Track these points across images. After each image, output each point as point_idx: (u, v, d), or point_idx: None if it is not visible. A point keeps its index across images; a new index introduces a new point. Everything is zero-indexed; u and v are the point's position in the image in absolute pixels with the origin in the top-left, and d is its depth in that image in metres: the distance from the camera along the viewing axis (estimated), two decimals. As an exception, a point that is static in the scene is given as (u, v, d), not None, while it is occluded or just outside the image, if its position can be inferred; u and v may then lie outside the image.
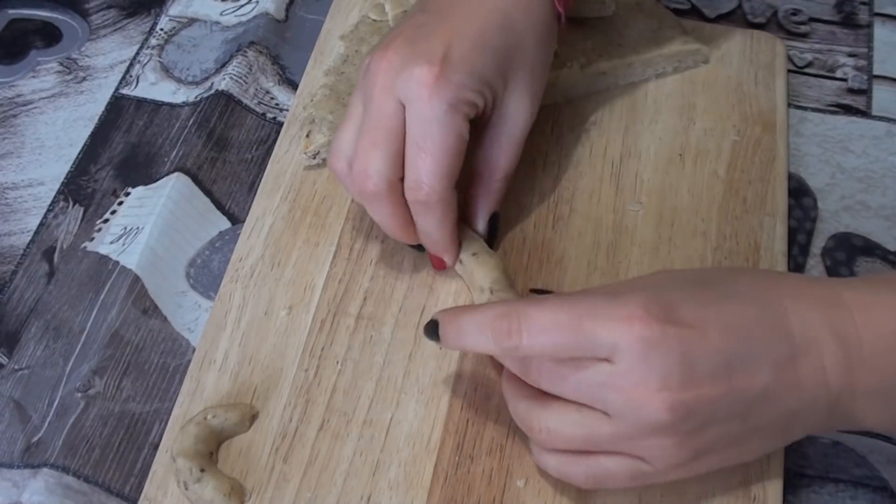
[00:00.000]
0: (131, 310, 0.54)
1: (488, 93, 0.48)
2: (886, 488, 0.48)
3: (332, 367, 0.50)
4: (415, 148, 0.47)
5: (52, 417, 0.51)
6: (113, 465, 0.49)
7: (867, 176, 0.59)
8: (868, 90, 0.64)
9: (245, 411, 0.48)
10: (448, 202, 0.48)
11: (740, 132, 0.59)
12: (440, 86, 0.46)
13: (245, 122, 0.63)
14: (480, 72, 0.47)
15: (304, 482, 0.47)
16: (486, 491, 0.46)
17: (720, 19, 0.68)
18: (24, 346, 0.54)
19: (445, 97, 0.46)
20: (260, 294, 0.53)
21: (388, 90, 0.47)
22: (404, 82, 0.46)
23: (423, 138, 0.46)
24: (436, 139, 0.46)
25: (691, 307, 0.40)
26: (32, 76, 0.67)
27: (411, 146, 0.47)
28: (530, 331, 0.40)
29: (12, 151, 0.63)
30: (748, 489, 0.46)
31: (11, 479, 0.49)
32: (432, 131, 0.46)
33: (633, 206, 0.56)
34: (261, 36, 0.67)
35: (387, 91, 0.47)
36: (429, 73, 0.46)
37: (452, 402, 0.49)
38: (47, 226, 0.59)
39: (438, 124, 0.46)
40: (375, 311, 0.52)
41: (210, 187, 0.59)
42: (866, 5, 0.69)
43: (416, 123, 0.47)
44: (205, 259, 0.57)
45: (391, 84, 0.47)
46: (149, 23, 0.70)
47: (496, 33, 0.48)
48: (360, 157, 0.48)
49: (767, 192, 0.57)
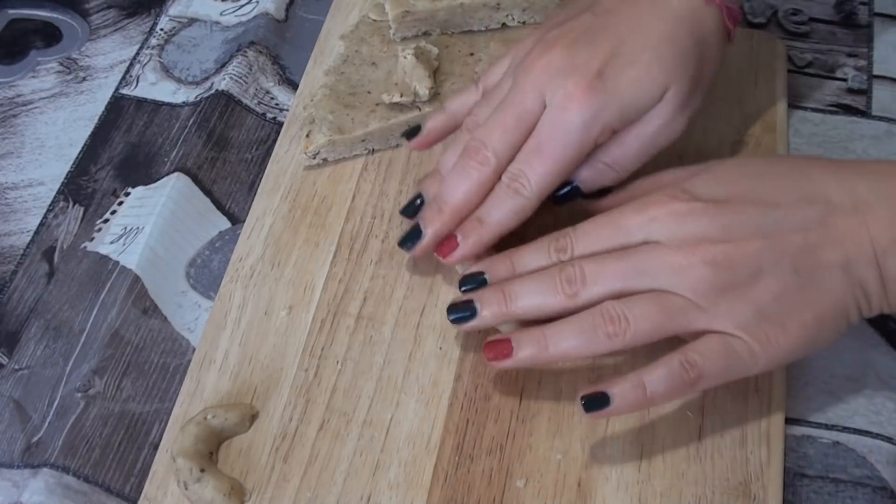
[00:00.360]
0: (131, 310, 0.54)
1: (632, 112, 0.49)
2: (886, 488, 0.48)
3: (332, 367, 0.50)
4: (535, 144, 0.48)
5: (52, 417, 0.51)
6: (113, 465, 0.49)
7: (867, 176, 0.59)
8: (868, 90, 0.64)
9: (245, 411, 0.48)
10: (530, 205, 0.49)
11: (740, 132, 0.59)
12: (584, 103, 0.47)
13: (245, 121, 0.63)
14: (631, 96, 0.48)
15: (304, 482, 0.47)
16: (486, 491, 0.46)
17: (720, 19, 0.68)
18: (24, 346, 0.54)
19: (583, 116, 0.47)
20: (260, 294, 0.53)
21: (537, 87, 0.48)
22: (555, 86, 0.48)
23: (547, 141, 0.48)
24: (556, 147, 0.48)
25: (714, 187, 0.44)
26: (32, 76, 0.67)
27: (532, 142, 0.48)
28: (579, 238, 0.46)
29: (12, 151, 0.63)
30: (748, 489, 0.46)
31: (11, 479, 0.49)
32: (557, 139, 0.48)
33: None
34: (261, 36, 0.67)
35: (535, 88, 0.48)
36: (577, 87, 0.47)
37: (452, 402, 0.49)
38: (47, 226, 0.59)
39: (565, 137, 0.48)
40: (375, 310, 0.52)
41: (210, 187, 0.60)
42: (866, 5, 0.69)
43: (548, 126, 0.48)
44: (205, 259, 0.57)
45: (543, 83, 0.48)
46: (149, 23, 0.70)
47: (660, 49, 0.48)
48: (486, 130, 0.49)
49: (767, 192, 0.57)
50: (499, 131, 0.49)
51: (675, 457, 0.47)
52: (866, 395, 0.51)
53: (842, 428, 0.50)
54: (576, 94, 0.47)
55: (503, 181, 0.49)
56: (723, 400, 0.49)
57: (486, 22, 0.63)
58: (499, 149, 0.49)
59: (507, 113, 0.49)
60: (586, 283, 0.44)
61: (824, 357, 0.52)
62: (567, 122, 0.47)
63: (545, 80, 0.48)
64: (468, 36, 0.62)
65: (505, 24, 0.63)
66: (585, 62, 0.48)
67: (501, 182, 0.49)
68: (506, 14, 0.62)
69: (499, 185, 0.49)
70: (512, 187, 0.48)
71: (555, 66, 0.48)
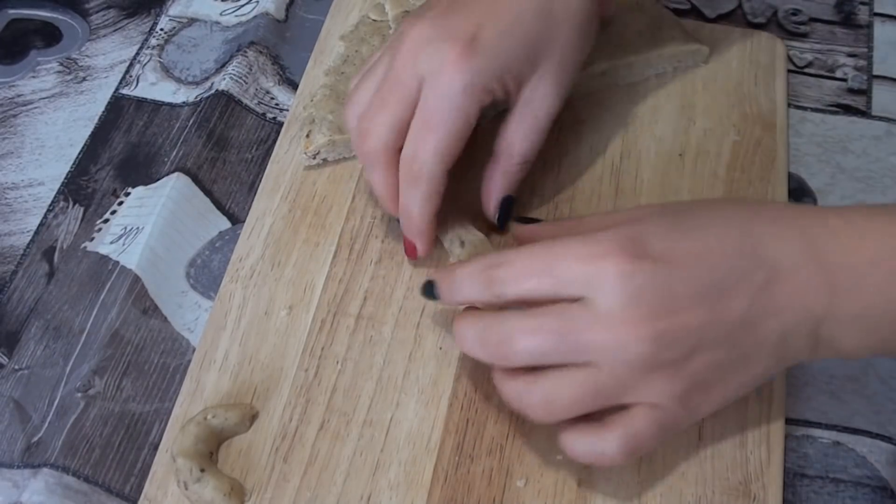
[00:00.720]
0: (131, 310, 0.54)
1: (510, 80, 0.48)
2: (886, 488, 0.48)
3: (332, 367, 0.50)
4: (421, 121, 0.47)
5: (52, 417, 0.51)
6: (113, 465, 0.49)
7: (867, 176, 0.59)
8: (868, 90, 0.64)
9: (245, 411, 0.48)
10: (436, 181, 0.48)
11: (740, 132, 0.59)
12: (460, 66, 0.46)
13: (245, 121, 0.63)
14: (505, 58, 0.48)
15: (304, 482, 0.47)
16: (486, 491, 0.46)
17: (720, 19, 0.68)
18: (24, 346, 0.54)
19: (462, 79, 0.46)
20: (260, 294, 0.53)
21: (412, 60, 0.47)
22: (428, 56, 0.47)
23: (432, 114, 0.47)
24: (444, 117, 0.47)
25: (665, 240, 0.41)
26: (32, 76, 0.67)
27: (418, 119, 0.47)
28: (511, 278, 0.42)
29: (12, 151, 0.63)
30: (748, 489, 0.46)
31: (11, 479, 0.49)
32: (442, 109, 0.47)
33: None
34: (261, 36, 0.67)
35: (410, 60, 0.47)
36: (451, 51, 0.46)
37: (452, 402, 0.49)
38: (47, 226, 0.59)
39: (448, 103, 0.47)
40: (375, 310, 0.52)
41: (210, 187, 0.60)
42: (866, 5, 0.69)
43: (430, 98, 0.47)
44: (205, 259, 0.57)
45: (416, 54, 0.47)
46: (149, 23, 0.70)
47: (531, 18, 0.48)
48: (368, 115, 0.49)
49: (767, 192, 0.57)
50: (380, 114, 0.48)
51: (674, 457, 0.47)
52: (866, 396, 0.51)
53: (842, 428, 0.50)
54: (451, 58, 0.46)
55: (401, 170, 0.48)
56: (723, 400, 0.49)
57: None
58: (383, 131, 0.48)
59: (386, 91, 0.48)
60: (513, 348, 0.42)
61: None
62: (448, 87, 0.46)
63: (418, 53, 0.47)
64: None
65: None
66: (457, 28, 0.47)
67: (401, 171, 0.48)
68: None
69: (400, 175, 0.48)
70: (410, 174, 0.48)
71: (425, 37, 0.47)
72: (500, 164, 0.52)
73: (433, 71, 0.47)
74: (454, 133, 0.47)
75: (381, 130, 0.48)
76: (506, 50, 0.48)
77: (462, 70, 0.46)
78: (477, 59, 0.47)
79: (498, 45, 0.47)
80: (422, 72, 0.47)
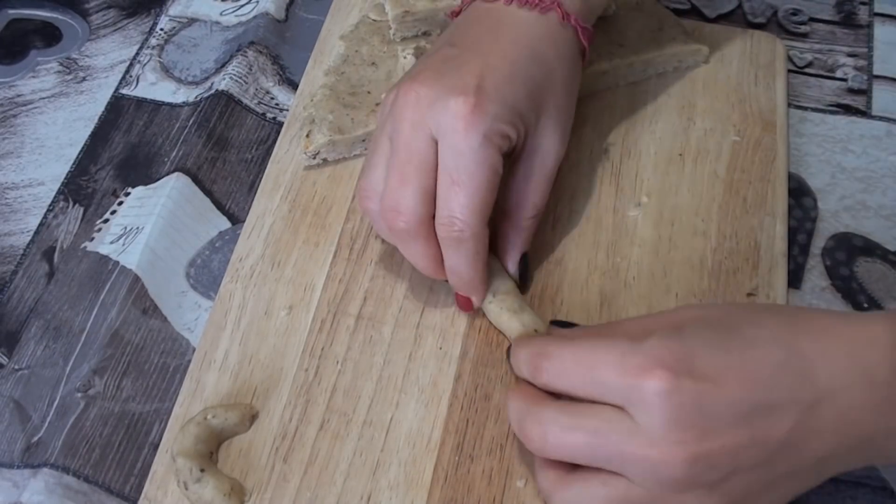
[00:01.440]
0: (131, 310, 0.54)
1: (521, 126, 0.48)
2: (886, 488, 0.48)
3: (332, 367, 0.50)
4: (448, 181, 0.45)
5: (52, 417, 0.51)
6: (113, 464, 0.49)
7: (867, 176, 0.59)
8: (868, 90, 0.64)
9: (245, 411, 0.48)
10: (481, 238, 0.47)
11: (740, 132, 0.59)
12: (476, 117, 0.45)
13: (245, 121, 0.63)
14: (513, 104, 0.47)
15: (304, 482, 0.47)
16: (486, 491, 0.46)
17: (720, 19, 0.68)
18: (24, 346, 0.54)
19: (481, 129, 0.45)
20: (260, 294, 0.53)
21: (420, 124, 0.46)
22: (437, 115, 0.45)
23: (458, 171, 0.45)
24: (471, 172, 0.45)
25: (710, 356, 0.39)
26: (32, 76, 0.67)
27: (444, 180, 0.46)
28: (555, 372, 0.42)
29: (12, 151, 0.63)
30: (748, 489, 0.46)
31: (11, 479, 0.49)
32: (467, 164, 0.45)
33: (633, 211, 0.56)
34: (261, 36, 0.67)
35: (418, 125, 0.46)
36: (464, 104, 0.45)
37: (452, 403, 0.49)
38: (47, 226, 0.59)
39: (473, 157, 0.45)
40: (375, 311, 0.52)
41: (210, 187, 0.60)
42: (866, 5, 0.69)
43: (450, 156, 0.45)
44: (205, 259, 0.57)
45: (422, 117, 0.45)
46: (149, 23, 0.70)
47: (527, 66, 0.48)
48: (390, 194, 0.46)
49: (767, 192, 0.57)
50: (403, 189, 0.46)
51: (675, 457, 0.47)
52: (866, 395, 0.51)
53: (842, 428, 0.50)
54: (463, 112, 0.45)
55: (441, 235, 0.46)
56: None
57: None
58: (412, 205, 0.46)
59: (401, 165, 0.46)
60: (548, 442, 0.41)
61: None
62: (468, 141, 0.45)
63: (424, 115, 0.45)
64: (468, 36, 0.62)
65: (505, 24, 0.63)
66: (457, 83, 0.46)
67: (439, 235, 0.46)
68: (506, 14, 0.62)
69: (440, 240, 0.47)
70: (452, 237, 0.46)
71: (426, 98, 0.46)
72: (515, 221, 0.51)
73: (447, 129, 0.45)
74: (486, 186, 0.46)
75: (410, 204, 0.46)
76: (512, 94, 0.47)
77: (477, 121, 0.45)
78: (489, 107, 0.45)
79: (503, 91, 0.46)
80: (434, 133, 0.46)
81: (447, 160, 0.45)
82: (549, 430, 0.41)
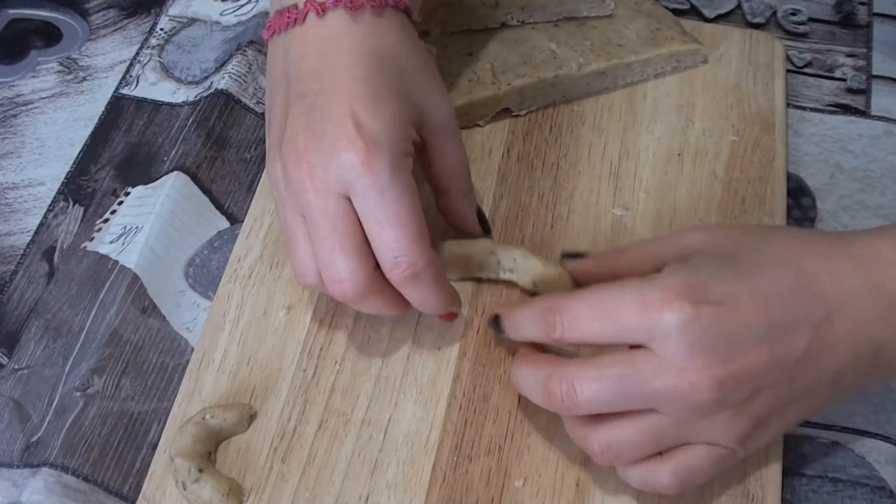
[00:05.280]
0: (130, 309, 0.54)
1: (411, 128, 0.47)
2: (885, 488, 0.48)
3: (330, 368, 0.50)
4: (377, 228, 0.44)
5: (52, 417, 0.51)
6: (112, 464, 0.49)
7: (866, 176, 0.59)
8: (867, 90, 0.64)
9: (243, 411, 0.49)
10: (434, 263, 0.46)
11: (739, 132, 0.59)
12: (374, 157, 0.43)
13: (244, 121, 0.63)
14: (394, 117, 0.45)
15: (303, 482, 0.47)
16: (485, 491, 0.46)
17: (719, 19, 0.68)
18: (23, 346, 0.54)
19: (385, 164, 0.44)
20: (258, 294, 0.53)
21: (324, 190, 0.44)
22: (337, 174, 0.44)
23: (382, 213, 0.44)
24: (395, 209, 0.44)
25: (722, 283, 0.41)
26: (32, 76, 0.67)
27: (373, 228, 0.44)
28: (570, 323, 0.42)
29: (12, 151, 0.63)
30: (746, 488, 0.46)
31: (11, 479, 0.49)
32: (388, 203, 0.44)
33: (619, 211, 0.56)
34: (260, 35, 0.67)
35: (322, 191, 0.44)
36: (355, 152, 0.43)
37: (451, 403, 0.49)
38: (47, 226, 0.59)
39: (389, 194, 0.44)
40: (374, 311, 0.52)
41: (209, 186, 0.60)
42: (865, 5, 0.69)
43: (368, 204, 0.44)
44: (203, 258, 0.57)
45: (324, 182, 0.44)
46: (149, 23, 0.70)
47: (380, 73, 0.46)
48: (328, 267, 0.45)
49: (766, 191, 0.57)
50: (337, 257, 0.44)
51: (673, 457, 0.47)
52: (865, 395, 0.51)
53: (840, 428, 0.50)
54: (360, 159, 0.43)
55: (393, 280, 0.45)
56: (721, 400, 0.49)
57: (485, 21, 0.63)
58: (354, 268, 0.44)
59: (325, 235, 0.44)
60: (577, 399, 0.41)
61: (823, 357, 0.52)
62: (378, 184, 0.43)
63: (323, 178, 0.44)
64: (467, 36, 0.62)
65: (504, 23, 0.63)
66: (337, 133, 0.44)
67: (393, 280, 0.45)
68: (505, 13, 0.62)
69: (395, 284, 0.45)
70: (408, 278, 0.45)
71: (317, 160, 0.44)
72: (454, 192, 0.51)
73: (351, 181, 0.44)
74: (414, 211, 0.45)
75: (351, 267, 0.44)
76: (388, 109, 0.45)
77: (376, 161, 0.43)
78: (378, 138, 0.44)
79: (379, 113, 0.45)
80: (341, 191, 0.44)
81: (367, 209, 0.44)
82: (576, 386, 0.41)
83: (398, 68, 0.47)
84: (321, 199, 0.44)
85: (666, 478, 0.42)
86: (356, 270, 0.44)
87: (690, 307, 0.39)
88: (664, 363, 0.40)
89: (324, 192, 0.44)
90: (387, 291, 0.46)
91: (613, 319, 0.41)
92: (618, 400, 0.41)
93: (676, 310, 0.39)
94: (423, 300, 0.46)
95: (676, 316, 0.39)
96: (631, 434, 0.42)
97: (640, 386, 0.40)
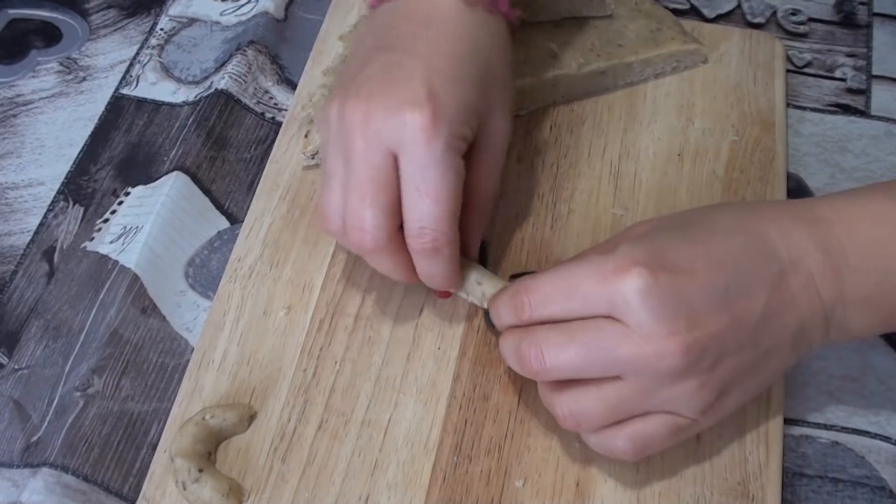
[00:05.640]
0: (130, 309, 0.54)
1: (475, 122, 0.47)
2: (885, 488, 0.48)
3: (330, 367, 0.50)
4: (415, 193, 0.45)
5: (52, 417, 0.51)
6: (112, 464, 0.49)
7: (866, 176, 0.59)
8: (867, 90, 0.64)
9: (243, 411, 0.49)
10: (455, 243, 0.46)
11: (739, 132, 0.59)
12: (435, 128, 0.44)
13: (244, 121, 0.63)
14: (465, 104, 0.46)
15: (303, 482, 0.47)
16: (485, 491, 0.46)
17: (719, 19, 0.68)
18: (23, 346, 0.54)
19: (442, 138, 0.44)
20: (258, 294, 0.53)
21: (374, 140, 0.44)
22: (391, 129, 0.44)
23: (424, 182, 0.44)
24: (437, 182, 0.44)
25: (679, 250, 0.41)
26: (32, 76, 0.67)
27: (411, 192, 0.45)
28: (538, 303, 0.43)
29: (12, 151, 0.63)
30: (746, 488, 0.46)
31: (11, 479, 0.49)
32: (433, 174, 0.44)
33: (619, 211, 0.56)
34: (260, 35, 0.67)
35: (372, 141, 0.45)
36: (421, 117, 0.44)
37: (451, 403, 0.49)
38: (47, 226, 0.59)
39: (438, 167, 0.44)
40: (374, 310, 0.52)
41: (209, 186, 0.60)
42: (865, 5, 0.69)
43: (414, 169, 0.44)
44: (203, 258, 0.57)
45: (377, 132, 0.44)
46: (149, 23, 0.70)
47: (470, 61, 0.47)
48: (353, 214, 0.45)
49: (766, 191, 0.57)
50: (365, 207, 0.45)
51: (673, 457, 0.47)
52: (865, 396, 0.51)
53: (840, 428, 0.50)
54: (422, 124, 0.44)
55: (413, 247, 0.46)
56: (721, 400, 0.49)
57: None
58: (378, 222, 0.45)
59: (360, 184, 0.45)
60: (545, 363, 0.42)
61: (823, 357, 0.52)
62: (430, 153, 0.44)
63: (379, 129, 0.44)
64: (467, 36, 0.62)
65: (504, 23, 0.63)
66: (406, 91, 0.45)
67: (412, 247, 0.46)
68: (505, 14, 0.62)
69: (413, 252, 0.46)
70: (427, 248, 0.45)
71: (376, 111, 0.44)
72: (473, 207, 0.50)
73: (406, 142, 0.44)
74: (453, 193, 0.45)
75: (376, 221, 0.45)
76: (463, 94, 0.46)
77: (437, 131, 0.44)
78: (445, 114, 0.44)
79: (454, 93, 0.45)
80: (391, 147, 0.44)
81: (411, 172, 0.45)
82: (544, 350, 0.42)
83: (486, 67, 0.48)
84: (368, 147, 0.45)
85: (622, 441, 0.42)
86: (380, 226, 0.45)
87: (648, 273, 0.40)
88: (630, 331, 0.40)
89: (374, 141, 0.45)
90: (401, 254, 0.46)
91: (576, 294, 0.41)
92: (585, 365, 0.41)
93: (634, 276, 0.40)
94: (432, 274, 0.47)
95: (635, 282, 0.40)
96: (594, 401, 0.42)
97: (607, 353, 0.41)
